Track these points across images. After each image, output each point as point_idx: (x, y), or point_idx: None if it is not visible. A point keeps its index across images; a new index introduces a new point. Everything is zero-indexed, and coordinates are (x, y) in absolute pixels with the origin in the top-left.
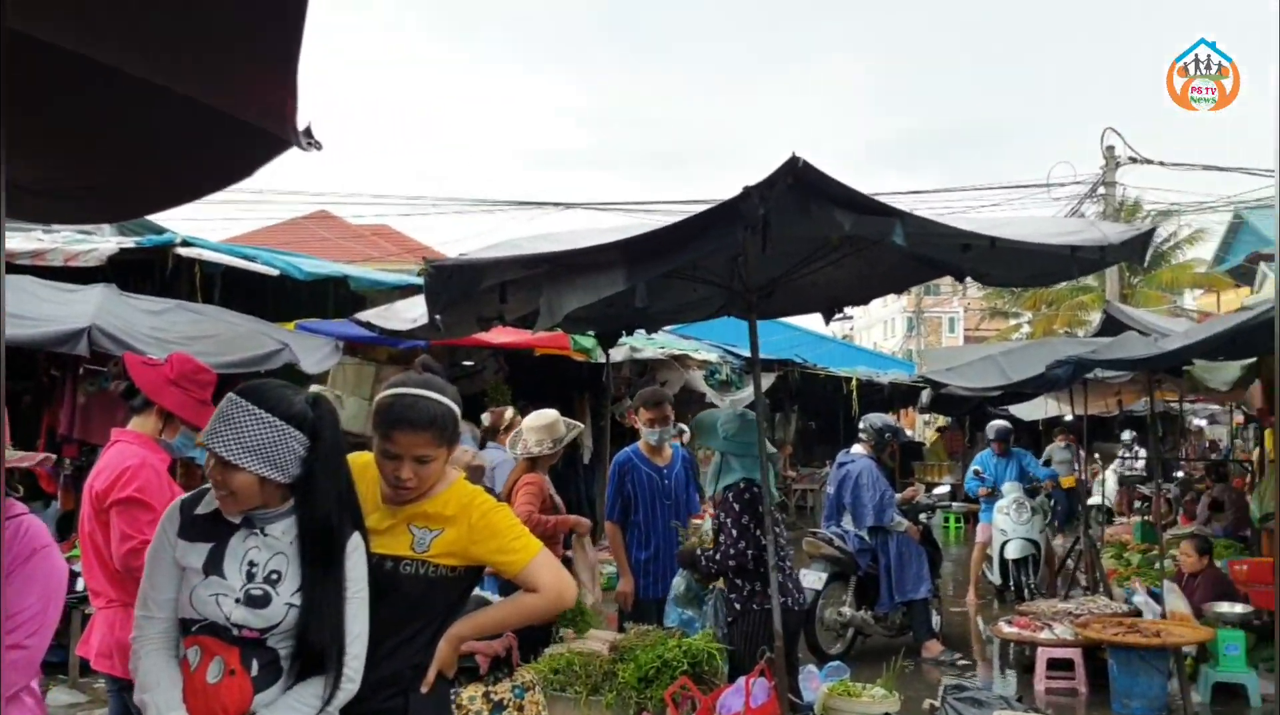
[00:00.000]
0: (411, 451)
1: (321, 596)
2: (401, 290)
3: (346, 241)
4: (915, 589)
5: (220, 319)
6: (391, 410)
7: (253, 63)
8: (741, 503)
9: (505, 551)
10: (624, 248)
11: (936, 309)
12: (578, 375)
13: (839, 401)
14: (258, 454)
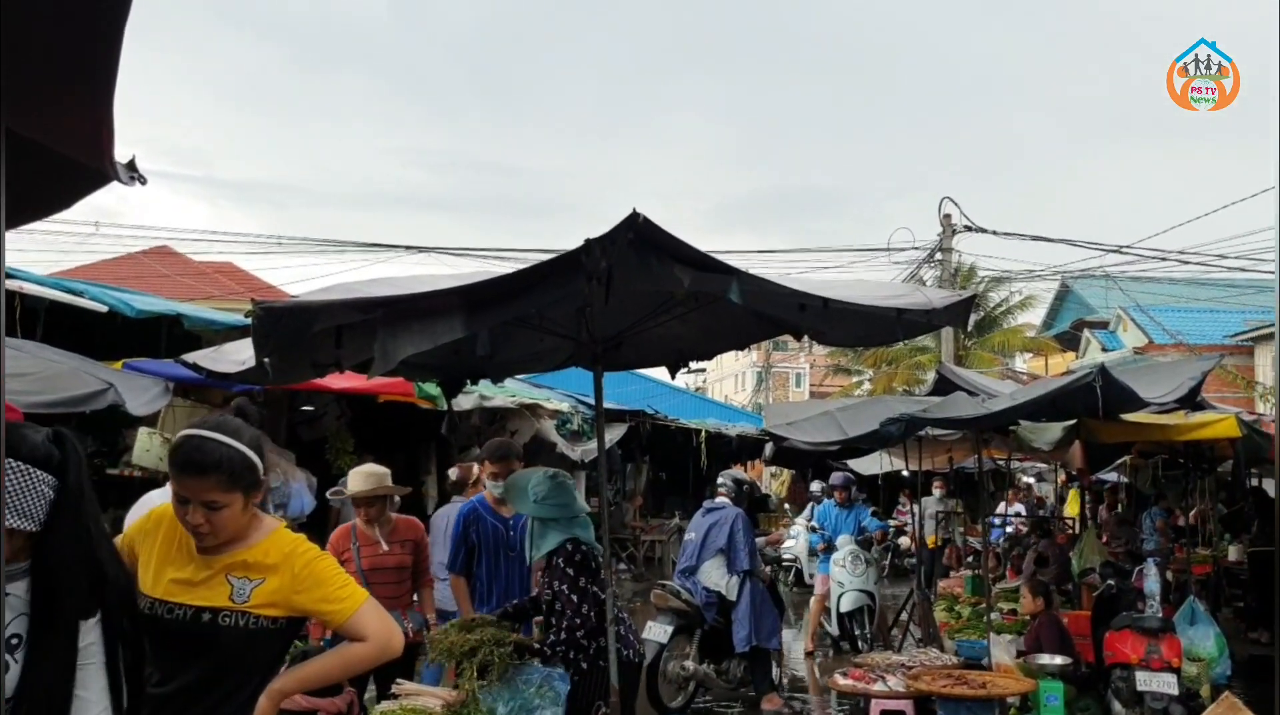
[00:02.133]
0: (199, 496)
1: (46, 684)
2: (240, 330)
3: (188, 279)
4: (769, 639)
5: (40, 356)
6: (178, 452)
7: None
8: (574, 565)
9: (330, 601)
10: (463, 294)
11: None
12: (423, 422)
13: (689, 453)
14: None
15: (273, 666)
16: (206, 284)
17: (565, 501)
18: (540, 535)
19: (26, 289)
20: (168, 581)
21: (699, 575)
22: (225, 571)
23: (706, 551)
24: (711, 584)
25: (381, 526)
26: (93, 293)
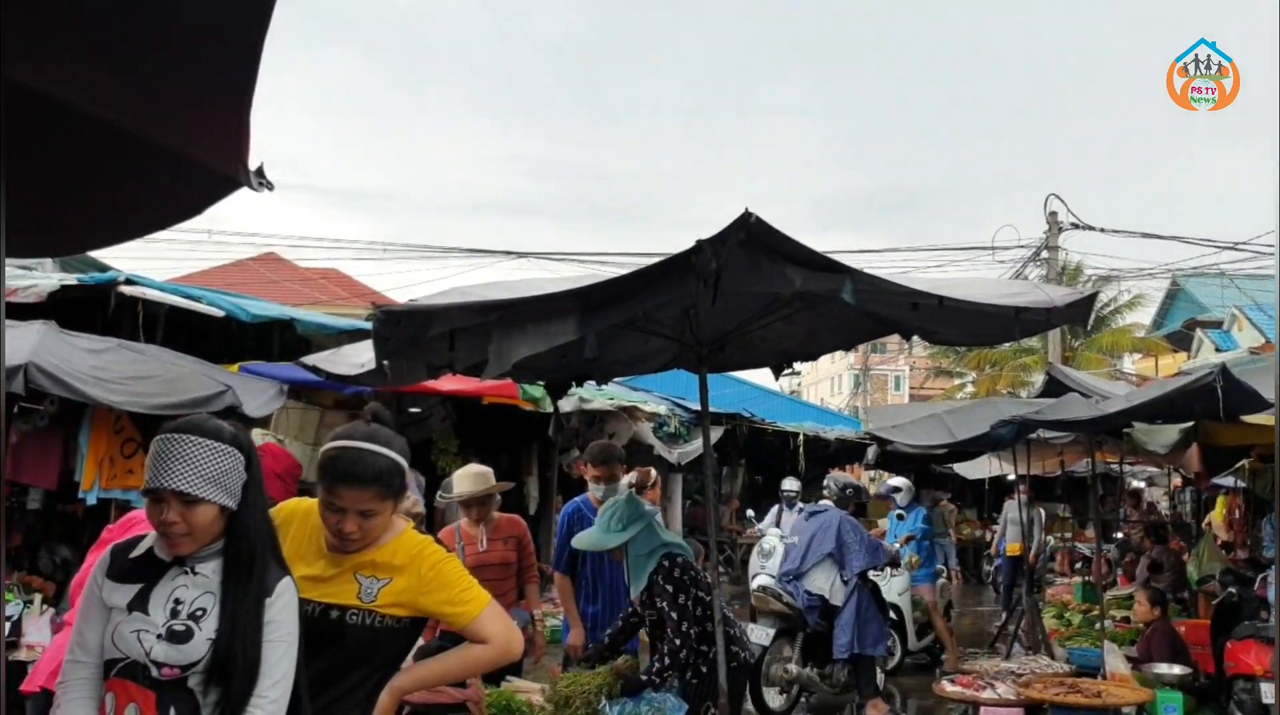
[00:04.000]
0: (356, 506)
1: (241, 632)
2: (349, 334)
3: (294, 284)
4: (875, 645)
5: (162, 359)
6: (335, 464)
7: (206, 103)
8: (673, 581)
9: (454, 603)
10: (577, 297)
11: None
12: (526, 424)
13: (785, 456)
14: (218, 484)
15: (395, 663)
16: (313, 289)
17: (639, 512)
18: (636, 566)
19: (148, 295)
20: (298, 578)
21: (803, 580)
22: (354, 570)
23: (811, 556)
24: (816, 588)
25: (485, 525)
26: (210, 298)
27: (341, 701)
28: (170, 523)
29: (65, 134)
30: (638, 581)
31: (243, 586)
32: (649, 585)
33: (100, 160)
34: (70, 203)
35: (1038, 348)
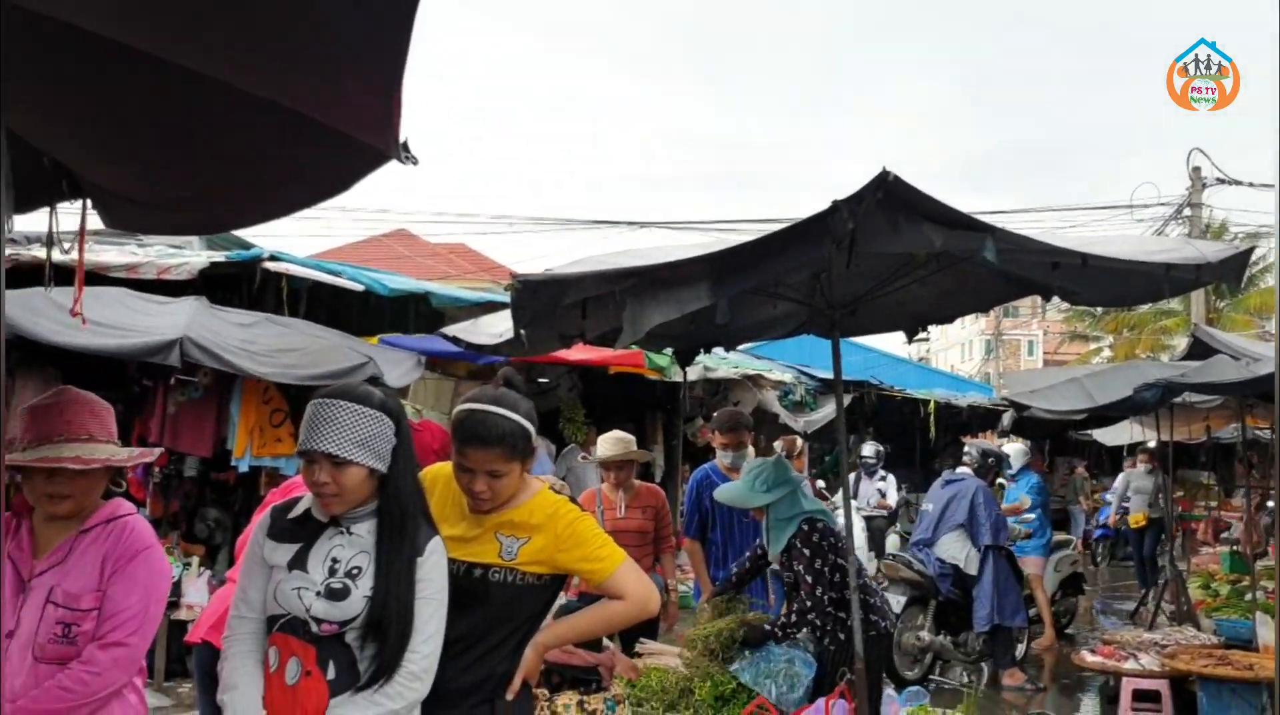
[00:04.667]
0: (483, 466)
1: (395, 589)
2: (480, 307)
3: (424, 259)
4: (1013, 616)
5: (307, 333)
6: (464, 426)
7: (359, 76)
8: (810, 546)
9: (591, 560)
10: (709, 262)
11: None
12: (651, 394)
13: (915, 424)
14: (366, 447)
15: (538, 620)
16: (442, 264)
17: (785, 476)
18: (776, 530)
19: (291, 270)
20: (443, 538)
21: (935, 548)
22: (494, 530)
23: (945, 524)
24: (949, 557)
25: (625, 491)
26: (349, 273)
27: (488, 657)
28: (321, 483)
29: (220, 112)
30: (776, 544)
31: (395, 546)
32: (787, 548)
33: (255, 138)
34: (226, 180)
35: (1179, 310)
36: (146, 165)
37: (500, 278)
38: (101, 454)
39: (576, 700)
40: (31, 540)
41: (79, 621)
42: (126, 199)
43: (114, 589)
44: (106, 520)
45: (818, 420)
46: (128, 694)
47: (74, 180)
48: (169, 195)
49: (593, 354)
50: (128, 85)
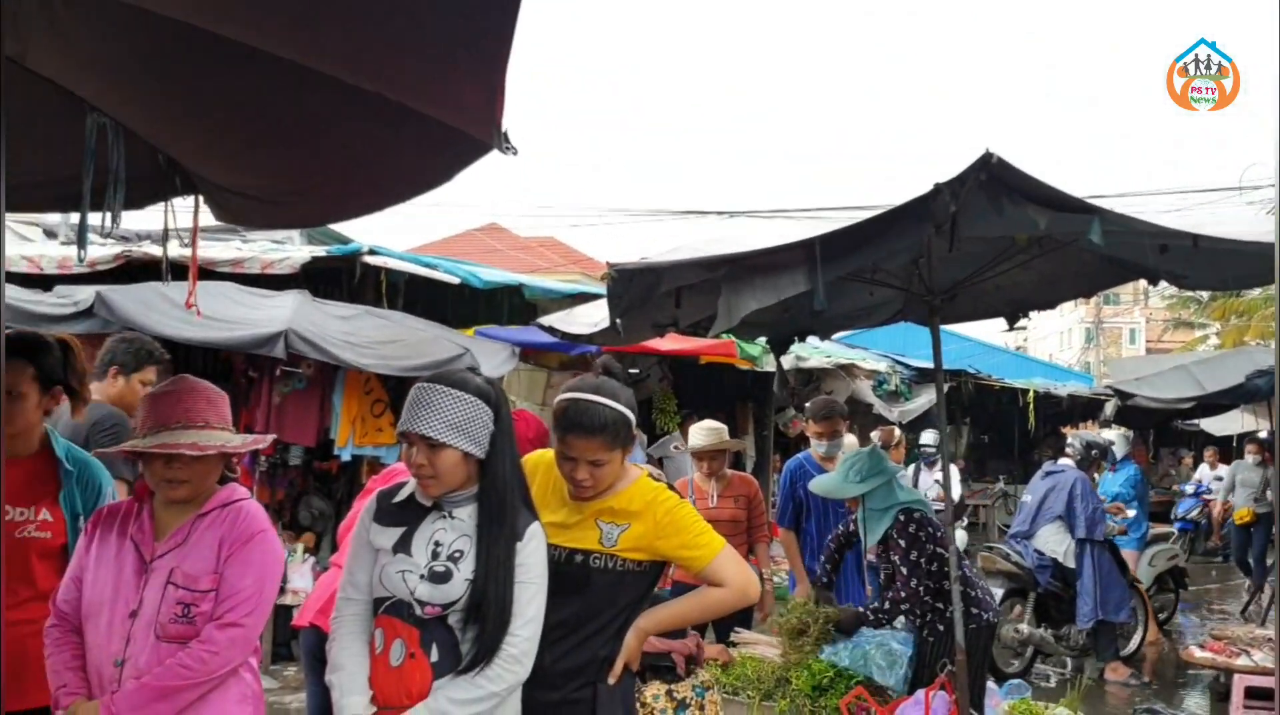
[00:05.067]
0: (586, 455)
1: (495, 574)
2: (572, 298)
3: (515, 252)
4: (1117, 611)
5: (405, 325)
6: (566, 415)
7: (462, 66)
8: (906, 537)
9: (690, 547)
10: (807, 247)
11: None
12: (742, 383)
13: (1013, 414)
14: (460, 431)
15: (638, 605)
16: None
17: (881, 466)
18: (872, 520)
19: (390, 264)
20: (545, 525)
21: (1034, 539)
22: (595, 516)
23: (1043, 516)
24: (1048, 550)
25: (718, 481)
26: (445, 266)
27: (590, 642)
28: (419, 464)
29: (327, 106)
30: (872, 534)
31: (495, 531)
32: (883, 539)
33: (361, 131)
34: (332, 174)
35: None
36: (256, 161)
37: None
38: (216, 440)
39: (665, 690)
40: (153, 524)
41: (197, 602)
42: (236, 194)
43: (230, 571)
44: (223, 505)
45: (912, 410)
46: (243, 673)
47: (187, 177)
48: (277, 190)
49: (684, 343)
50: (238, 81)
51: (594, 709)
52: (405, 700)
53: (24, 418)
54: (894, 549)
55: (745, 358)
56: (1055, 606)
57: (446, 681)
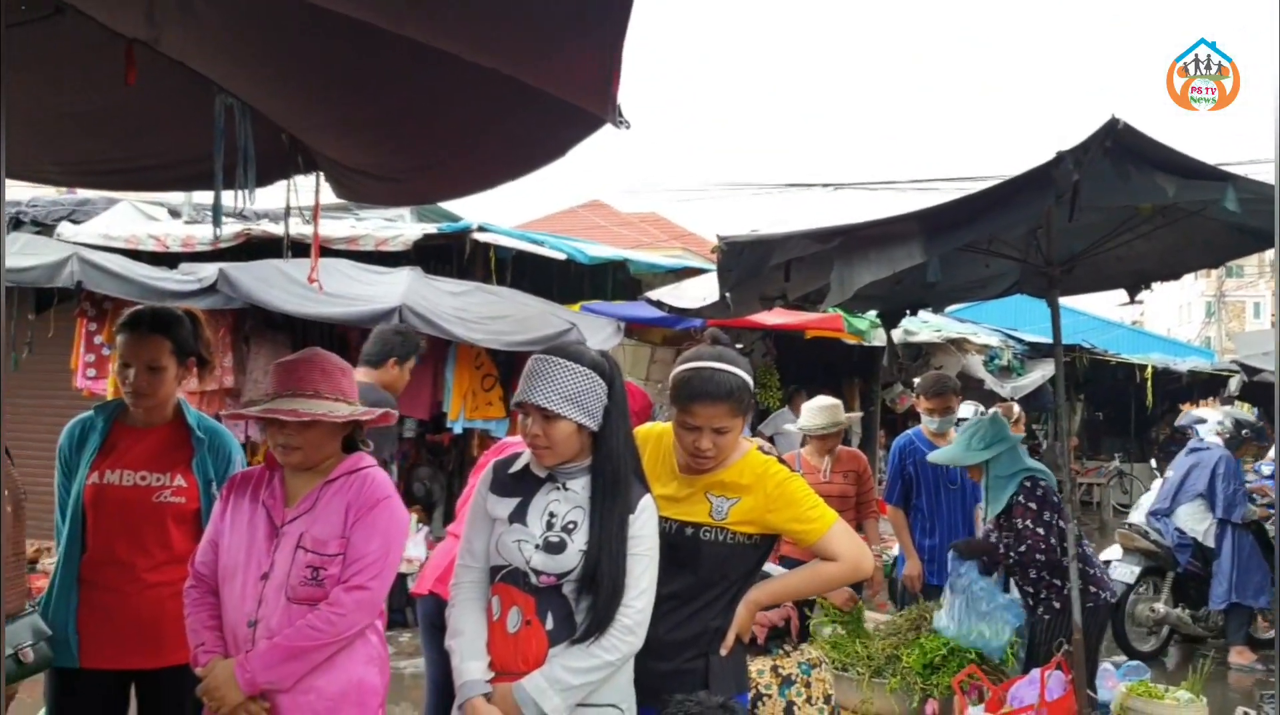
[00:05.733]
0: (710, 423)
1: (608, 545)
2: (676, 273)
3: (618, 228)
4: (1256, 596)
5: (514, 300)
6: (689, 384)
7: (581, 41)
8: (1037, 500)
9: (802, 521)
10: (922, 219)
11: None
12: (847, 359)
13: (1130, 391)
14: (575, 402)
15: (750, 578)
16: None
17: (1003, 434)
18: (996, 488)
19: (498, 241)
20: (655, 497)
21: (1173, 517)
22: (705, 490)
23: (1184, 494)
24: (1187, 528)
25: (830, 456)
26: (551, 242)
27: (702, 613)
28: (533, 435)
29: (445, 83)
30: (995, 503)
31: (608, 502)
32: (1008, 506)
33: (477, 107)
34: (449, 151)
35: None
36: (376, 139)
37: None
38: (319, 409)
39: (770, 665)
40: (284, 490)
41: (326, 566)
42: (356, 172)
43: (356, 536)
44: (349, 472)
45: (1025, 386)
46: (369, 635)
47: (309, 155)
48: (396, 168)
49: (789, 317)
50: (360, 61)
51: (706, 679)
52: (522, 666)
53: (165, 389)
54: (1022, 514)
55: (853, 332)
56: (1195, 587)
57: (562, 649)
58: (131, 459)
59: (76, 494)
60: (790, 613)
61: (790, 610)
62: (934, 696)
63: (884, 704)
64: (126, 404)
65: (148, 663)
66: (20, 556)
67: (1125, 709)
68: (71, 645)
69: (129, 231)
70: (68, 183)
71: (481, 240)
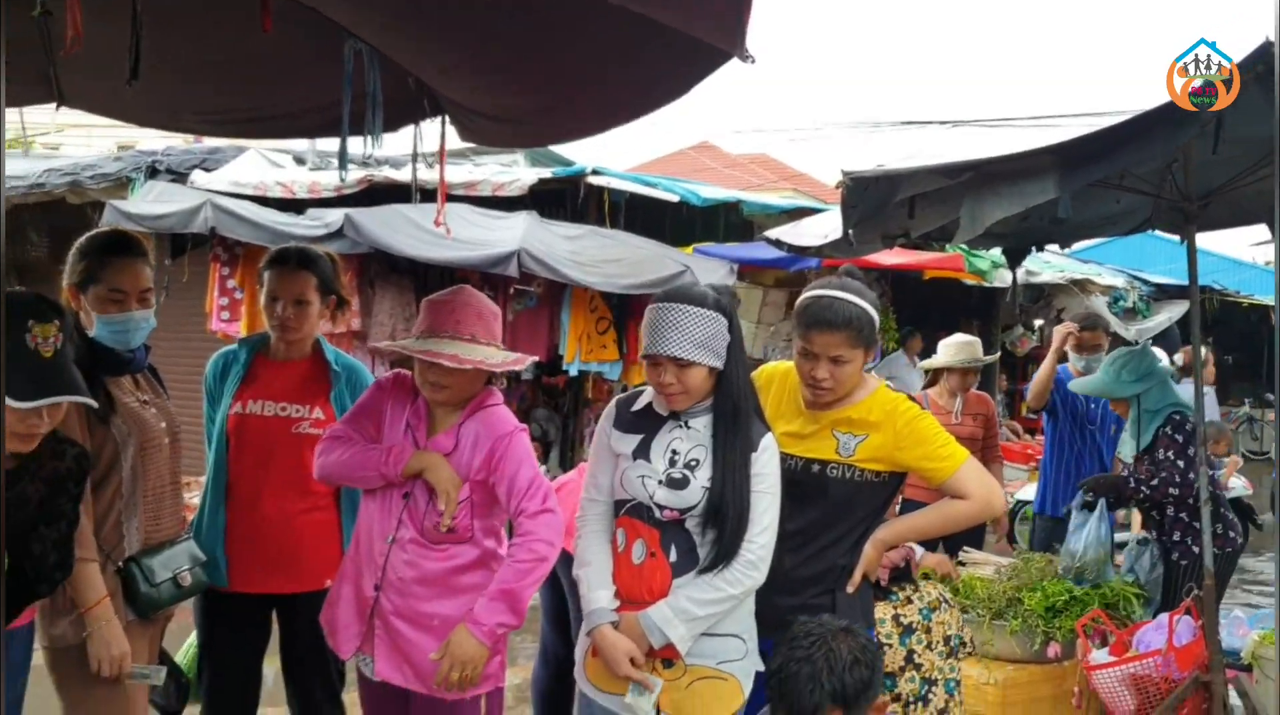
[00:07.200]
0: (827, 351)
1: (731, 481)
2: (790, 213)
3: (727, 170)
4: None
5: (628, 243)
6: (809, 311)
7: None
8: (1184, 434)
9: (933, 458)
10: (1056, 152)
11: None
12: (965, 301)
13: (1262, 334)
14: (706, 347)
15: (877, 516)
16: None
17: (1154, 367)
18: (1144, 421)
19: (611, 184)
20: (780, 434)
21: None
22: (831, 426)
23: None
24: None
25: (960, 398)
26: (664, 185)
27: (829, 550)
28: (667, 384)
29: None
30: (1143, 436)
31: (730, 440)
32: (1153, 441)
33: (602, 46)
34: (574, 90)
35: None
36: (502, 80)
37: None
38: (477, 356)
39: (891, 615)
40: (429, 415)
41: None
42: (480, 114)
43: (508, 467)
44: (483, 407)
45: (1150, 328)
46: (493, 565)
47: (434, 99)
48: (522, 109)
49: (908, 258)
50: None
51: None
52: (646, 596)
53: (309, 324)
54: (1167, 446)
55: (973, 272)
56: None
57: (686, 581)
58: (273, 391)
59: (220, 423)
60: (910, 553)
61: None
62: (1056, 640)
63: (1005, 646)
64: (269, 338)
65: (289, 587)
66: (177, 485)
67: (1257, 658)
68: (221, 569)
69: (257, 179)
70: (206, 132)
71: (595, 183)
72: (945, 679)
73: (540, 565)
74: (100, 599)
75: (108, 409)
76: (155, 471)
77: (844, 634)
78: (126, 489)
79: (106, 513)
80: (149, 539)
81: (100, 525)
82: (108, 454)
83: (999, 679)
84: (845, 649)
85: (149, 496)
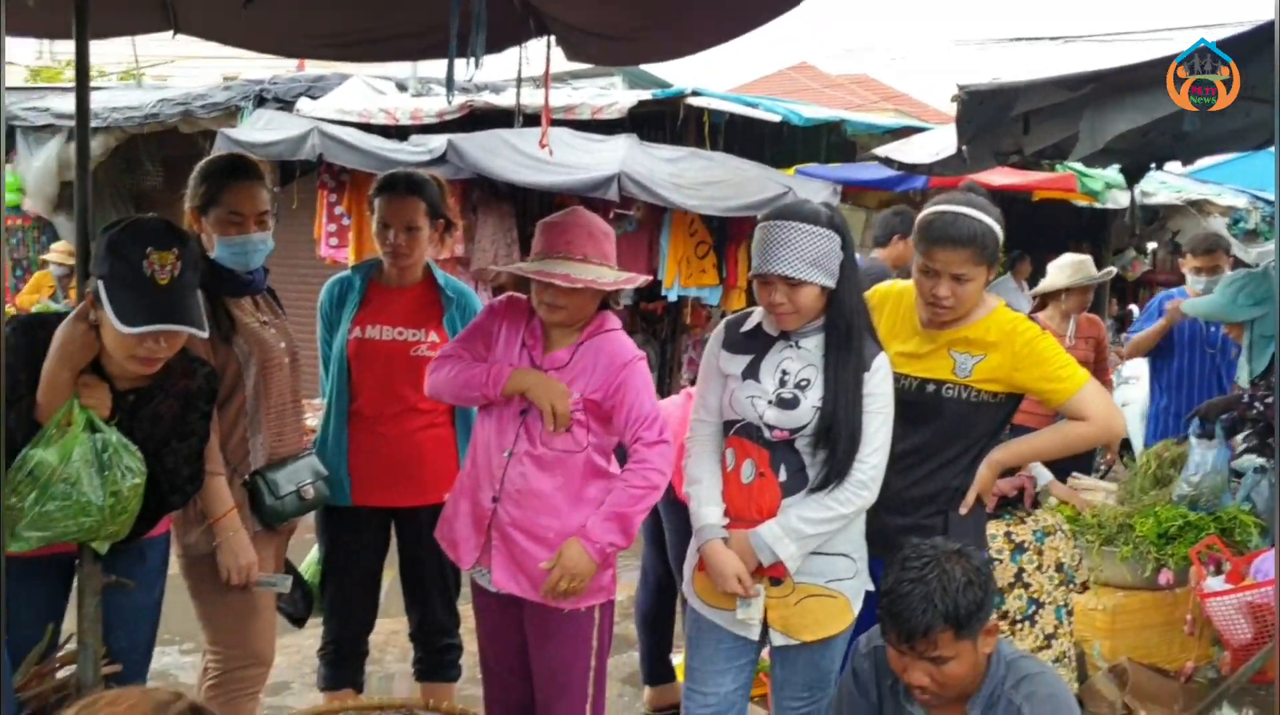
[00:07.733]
0: (950, 268)
1: (843, 401)
2: (894, 133)
3: (827, 90)
4: None
5: (728, 165)
6: (932, 227)
7: None
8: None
9: (1051, 379)
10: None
11: None
12: (1075, 223)
13: None
14: (818, 266)
15: (993, 437)
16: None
17: (1272, 291)
18: (1259, 347)
19: (712, 105)
20: (894, 354)
21: None
22: (948, 346)
23: None
24: None
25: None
26: (765, 104)
27: (942, 471)
28: (778, 303)
29: None
30: (1258, 361)
31: (843, 359)
32: (1267, 367)
33: None
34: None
35: None
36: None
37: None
38: (588, 275)
39: (1004, 531)
40: (544, 334)
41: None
42: (586, 32)
43: (627, 395)
44: (600, 331)
45: (1272, 251)
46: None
47: (540, 18)
48: (628, 25)
49: (1017, 178)
50: None
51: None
52: (755, 515)
53: (420, 248)
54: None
55: (1086, 192)
56: None
57: (797, 500)
58: (389, 315)
59: (340, 347)
60: (1025, 482)
61: (1025, 480)
62: (1168, 567)
63: (1114, 572)
64: (381, 264)
65: (409, 500)
66: (298, 403)
67: None
68: (345, 485)
69: (361, 106)
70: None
71: (695, 105)
72: (1055, 605)
73: (652, 493)
74: (228, 510)
75: (230, 329)
76: (277, 389)
77: (957, 556)
78: (250, 406)
79: (232, 428)
80: (273, 454)
81: (226, 440)
82: (231, 373)
83: (1108, 605)
84: (959, 570)
85: (271, 413)
